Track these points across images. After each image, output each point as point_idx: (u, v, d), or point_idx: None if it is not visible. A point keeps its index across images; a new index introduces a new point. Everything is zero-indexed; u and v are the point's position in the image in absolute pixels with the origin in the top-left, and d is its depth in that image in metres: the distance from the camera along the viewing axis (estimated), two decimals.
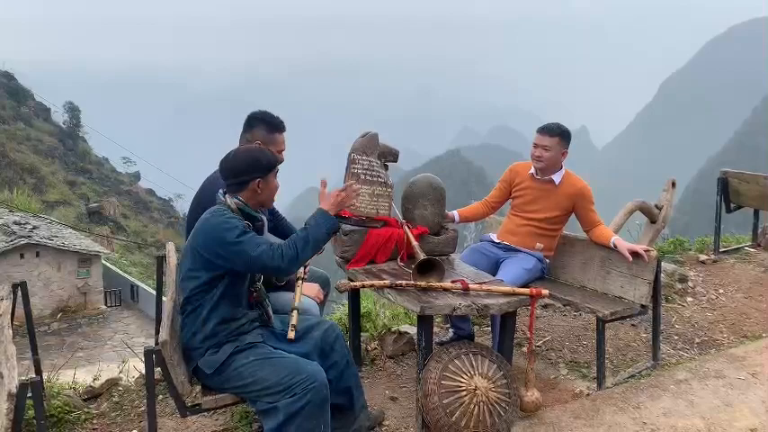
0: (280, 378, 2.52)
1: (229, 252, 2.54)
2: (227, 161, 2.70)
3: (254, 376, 2.55)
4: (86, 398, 3.50)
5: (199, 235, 2.60)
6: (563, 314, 4.93)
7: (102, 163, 43.63)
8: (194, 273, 2.61)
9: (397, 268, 3.48)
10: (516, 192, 4.07)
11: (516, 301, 3.08)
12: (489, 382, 2.98)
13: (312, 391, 2.50)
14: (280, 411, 2.48)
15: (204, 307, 2.61)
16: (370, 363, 4.01)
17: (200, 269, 2.60)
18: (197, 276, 2.60)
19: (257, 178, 2.68)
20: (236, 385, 2.59)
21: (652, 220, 5.56)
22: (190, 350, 2.64)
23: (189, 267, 2.62)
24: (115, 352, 16.92)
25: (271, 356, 2.62)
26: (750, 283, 5.45)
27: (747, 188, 6.21)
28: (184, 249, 2.70)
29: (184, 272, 2.65)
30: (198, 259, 2.60)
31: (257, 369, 2.56)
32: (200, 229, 2.62)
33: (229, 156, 2.72)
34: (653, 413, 3.30)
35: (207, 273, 2.60)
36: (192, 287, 2.61)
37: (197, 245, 2.60)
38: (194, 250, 2.61)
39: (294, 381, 2.51)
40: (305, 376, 2.53)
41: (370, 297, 4.91)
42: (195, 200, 3.24)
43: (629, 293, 3.71)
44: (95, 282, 21.36)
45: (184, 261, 2.67)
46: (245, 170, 2.67)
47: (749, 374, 3.72)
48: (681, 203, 70.86)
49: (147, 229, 35.98)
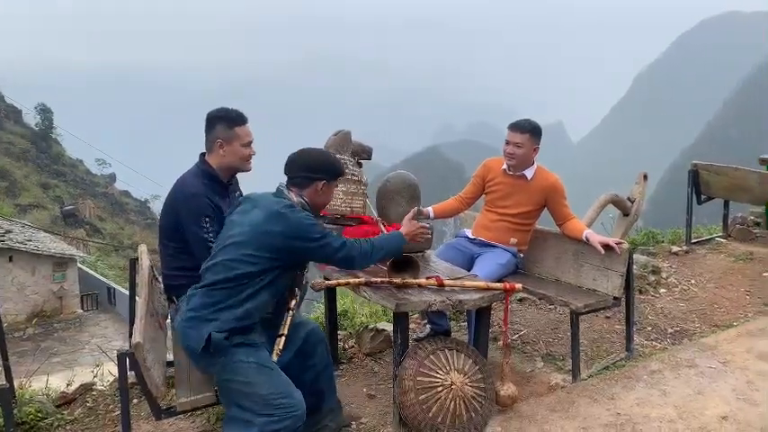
0: (269, 392, 2.50)
1: (311, 248, 2.64)
2: (300, 155, 2.82)
3: (248, 378, 2.52)
4: (59, 404, 3.45)
5: (276, 224, 2.59)
6: (539, 308, 4.98)
7: (77, 165, 42.98)
8: (253, 258, 2.58)
9: (373, 266, 3.49)
10: (489, 187, 4.09)
11: (490, 296, 3.11)
12: (465, 377, 3.00)
13: (292, 419, 2.50)
14: (254, 427, 2.46)
15: (247, 289, 2.58)
16: (347, 361, 4.02)
17: (262, 257, 2.58)
18: (255, 263, 2.58)
19: (323, 180, 2.78)
20: (226, 378, 2.55)
21: (625, 213, 5.63)
22: (203, 320, 2.57)
23: (248, 252, 2.58)
24: (93, 356, 16.67)
25: (271, 367, 2.60)
26: (721, 273, 5.55)
27: (717, 180, 6.32)
28: (239, 228, 2.65)
29: (238, 254, 2.59)
30: (264, 247, 2.58)
31: (255, 373, 2.53)
32: (276, 218, 2.61)
33: (303, 151, 2.84)
34: (627, 403, 3.35)
35: (268, 262, 2.60)
36: (244, 271, 2.57)
37: (272, 232, 2.58)
38: (265, 235, 2.59)
39: (280, 402, 2.49)
40: (291, 402, 2.52)
41: (348, 295, 4.92)
42: (169, 201, 3.21)
43: (602, 286, 3.76)
44: (71, 285, 21.05)
45: (234, 241, 2.63)
46: (316, 168, 2.78)
47: (720, 363, 3.79)
48: (655, 195, 71.79)
49: (124, 230, 35.57)
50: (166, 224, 3.21)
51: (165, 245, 3.26)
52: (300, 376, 2.78)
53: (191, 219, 3.08)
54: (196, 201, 3.09)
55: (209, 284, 2.61)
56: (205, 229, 3.07)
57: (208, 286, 2.62)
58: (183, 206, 3.11)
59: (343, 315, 4.65)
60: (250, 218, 2.66)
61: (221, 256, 2.64)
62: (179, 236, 3.15)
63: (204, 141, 3.27)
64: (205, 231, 3.06)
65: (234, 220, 2.74)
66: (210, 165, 3.23)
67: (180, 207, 3.12)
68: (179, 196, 3.14)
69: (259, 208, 2.68)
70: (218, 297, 2.58)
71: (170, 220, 3.19)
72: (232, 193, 3.37)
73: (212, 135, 3.20)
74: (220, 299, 2.58)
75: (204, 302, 2.59)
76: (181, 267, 3.22)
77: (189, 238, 3.10)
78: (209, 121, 3.25)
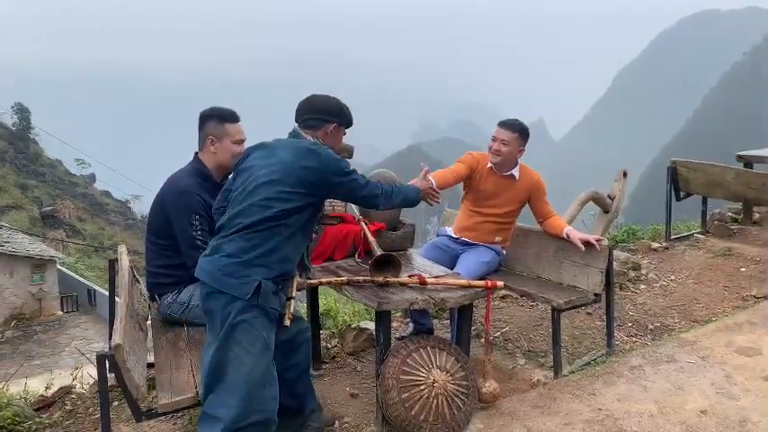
0: (251, 378, 2.41)
1: (343, 182, 2.67)
2: (311, 98, 2.84)
3: (241, 346, 2.42)
4: (38, 407, 3.41)
5: (310, 160, 2.59)
6: (521, 305, 5.00)
7: (56, 165, 42.41)
8: (289, 195, 2.54)
9: (355, 265, 3.49)
10: (475, 185, 3.98)
11: (472, 293, 3.11)
12: (447, 374, 3.01)
13: (266, 413, 2.46)
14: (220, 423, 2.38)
15: (284, 230, 2.53)
16: (330, 360, 4.01)
17: (297, 193, 2.55)
18: (290, 199, 2.54)
19: (334, 123, 2.82)
20: (236, 338, 2.42)
21: (605, 210, 5.68)
22: (249, 265, 2.45)
23: (284, 190, 2.53)
24: (73, 359, 16.46)
25: (267, 349, 2.50)
26: (700, 269, 5.61)
27: (695, 176, 6.39)
28: (267, 169, 2.59)
29: (273, 192, 2.53)
30: (300, 182, 2.55)
31: (249, 345, 2.43)
32: (309, 154, 2.61)
33: (314, 95, 2.87)
34: (608, 399, 3.37)
35: (303, 198, 2.57)
36: (280, 208, 2.51)
37: (308, 167, 2.57)
38: (302, 170, 2.56)
39: (258, 396, 2.44)
40: (268, 398, 2.48)
41: (331, 294, 4.91)
42: (159, 197, 3.19)
43: (582, 282, 3.79)
44: (50, 287, 20.77)
45: (265, 180, 2.56)
46: (327, 110, 2.81)
47: (699, 358, 3.83)
48: (637, 192, 72.61)
49: (105, 231, 35.17)
50: (155, 220, 3.20)
51: (151, 241, 3.24)
52: (283, 373, 2.74)
53: (180, 215, 3.06)
54: (187, 197, 3.08)
55: (246, 227, 2.49)
56: (194, 226, 3.05)
57: (244, 229, 2.49)
58: (174, 203, 3.09)
59: (325, 314, 4.64)
60: (278, 157, 2.61)
61: (251, 198, 2.54)
62: (167, 233, 3.14)
63: (197, 140, 3.28)
64: (194, 229, 3.05)
65: (255, 165, 2.64)
66: (204, 164, 3.23)
67: (170, 203, 3.10)
68: (170, 193, 3.13)
69: (283, 149, 2.66)
70: (258, 240, 2.49)
71: (159, 216, 3.17)
72: None
73: (204, 132, 3.21)
74: (260, 241, 2.49)
75: (243, 247, 2.47)
76: (166, 265, 3.21)
77: (177, 234, 3.08)
78: (201, 119, 3.25)
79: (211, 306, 2.49)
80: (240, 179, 2.67)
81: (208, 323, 2.54)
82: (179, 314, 3.19)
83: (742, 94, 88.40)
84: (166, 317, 3.25)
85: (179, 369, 2.82)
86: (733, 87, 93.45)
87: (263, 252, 2.48)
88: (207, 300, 2.51)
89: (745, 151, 6.98)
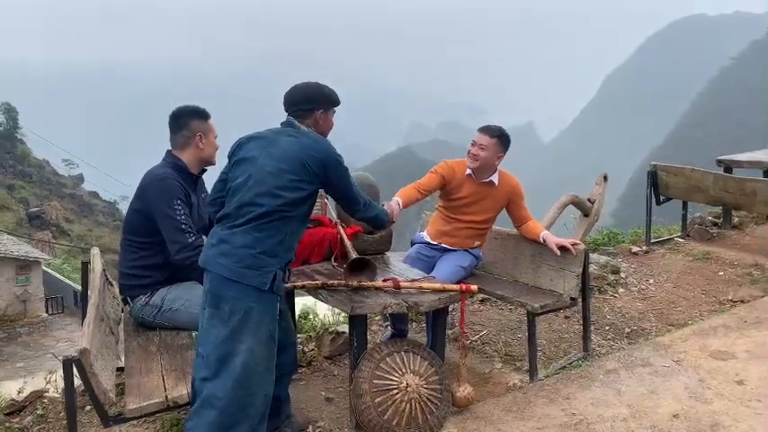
0: (255, 369, 2.48)
1: (341, 175, 2.71)
2: (294, 89, 2.86)
3: (250, 336, 2.47)
4: (8, 412, 3.38)
5: (316, 150, 2.64)
6: (500, 308, 5.01)
7: (44, 166, 42.18)
8: (296, 183, 2.58)
9: (331, 268, 3.48)
10: (453, 194, 3.95)
11: (446, 297, 3.11)
12: (421, 378, 3.01)
13: (261, 406, 2.53)
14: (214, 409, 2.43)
15: (291, 222, 2.59)
16: (307, 364, 4.00)
17: (303, 181, 2.59)
18: (297, 188, 2.58)
19: (320, 109, 2.84)
20: (245, 328, 2.47)
21: (585, 214, 5.69)
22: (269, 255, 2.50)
23: (292, 178, 2.57)
24: (57, 361, 16.37)
25: (272, 341, 2.57)
26: (678, 273, 5.64)
27: (675, 180, 6.43)
28: (270, 159, 2.60)
29: (284, 182, 2.56)
30: (306, 171, 2.59)
31: (258, 337, 2.49)
32: (314, 144, 2.67)
33: (297, 85, 2.89)
34: (582, 403, 3.38)
35: (308, 187, 2.62)
36: (289, 196, 2.55)
37: (314, 157, 2.62)
38: (309, 159, 2.60)
39: (257, 387, 2.50)
40: (265, 391, 2.54)
41: (311, 298, 4.89)
42: (137, 191, 3.18)
43: (558, 286, 3.80)
44: (36, 289, 20.65)
45: (271, 170, 2.57)
46: (312, 98, 2.83)
47: (673, 362, 3.85)
48: (624, 195, 73.04)
49: (92, 232, 35.01)
50: (133, 218, 3.19)
51: (128, 241, 3.22)
52: None
53: (161, 201, 3.04)
54: (167, 183, 3.08)
55: (259, 216, 2.51)
56: (177, 211, 3.03)
57: (256, 219, 2.51)
58: (153, 190, 3.08)
59: (303, 318, 4.63)
60: (282, 148, 2.63)
61: (259, 187, 2.55)
62: (145, 228, 3.12)
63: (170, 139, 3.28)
64: (177, 213, 3.03)
65: (257, 155, 2.63)
66: (180, 159, 3.23)
67: (149, 192, 3.09)
68: (148, 182, 3.13)
69: (285, 139, 2.68)
70: (272, 230, 2.53)
71: (137, 213, 3.15)
72: (200, 188, 3.37)
73: (188, 130, 3.23)
74: (274, 231, 2.53)
75: (258, 237, 2.50)
76: (140, 266, 3.19)
77: (159, 222, 3.04)
78: (180, 118, 3.25)
79: (221, 292, 2.50)
80: (240, 169, 2.66)
81: (212, 308, 2.52)
82: (152, 317, 3.17)
83: (729, 98, 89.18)
84: (139, 320, 3.23)
85: (149, 373, 2.80)
86: (721, 92, 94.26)
87: (277, 242, 2.54)
88: (218, 285, 2.51)
89: (725, 156, 7.03)
